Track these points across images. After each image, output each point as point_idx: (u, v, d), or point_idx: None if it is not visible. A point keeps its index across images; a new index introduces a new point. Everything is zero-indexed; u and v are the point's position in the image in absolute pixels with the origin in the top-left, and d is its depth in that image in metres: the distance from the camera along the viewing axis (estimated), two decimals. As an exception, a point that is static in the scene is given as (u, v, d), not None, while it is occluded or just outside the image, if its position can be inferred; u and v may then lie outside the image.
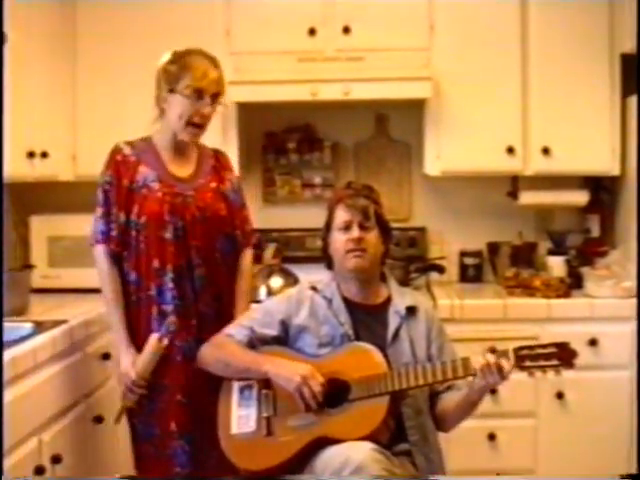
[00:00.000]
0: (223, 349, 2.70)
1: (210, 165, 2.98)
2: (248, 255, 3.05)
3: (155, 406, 2.82)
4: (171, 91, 2.81)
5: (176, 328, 2.81)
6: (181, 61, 2.83)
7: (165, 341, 2.76)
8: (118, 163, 2.86)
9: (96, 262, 2.88)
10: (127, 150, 2.89)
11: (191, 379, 2.80)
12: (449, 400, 2.63)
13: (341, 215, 2.68)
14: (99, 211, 2.87)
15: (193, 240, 2.85)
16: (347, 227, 2.67)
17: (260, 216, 4.20)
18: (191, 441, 2.81)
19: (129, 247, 2.84)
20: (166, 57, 2.87)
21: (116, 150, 2.89)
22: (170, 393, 2.81)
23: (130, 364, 2.79)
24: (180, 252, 2.83)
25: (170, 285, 2.81)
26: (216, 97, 2.84)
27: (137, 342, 2.83)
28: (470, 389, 2.52)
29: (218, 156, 3.03)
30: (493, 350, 2.48)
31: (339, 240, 2.68)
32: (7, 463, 2.44)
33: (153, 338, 2.77)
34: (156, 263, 2.82)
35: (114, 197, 2.84)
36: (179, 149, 2.91)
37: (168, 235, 2.82)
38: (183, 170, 2.91)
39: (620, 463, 3.48)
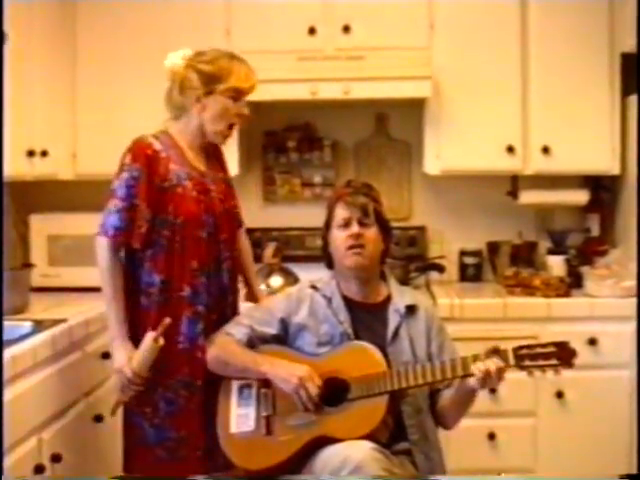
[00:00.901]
0: (222, 348, 2.70)
1: (210, 152, 2.93)
2: (244, 234, 3.08)
3: (173, 408, 2.75)
4: (209, 93, 2.75)
5: (203, 327, 2.75)
6: (219, 62, 2.77)
7: (161, 341, 2.67)
8: (149, 158, 2.71)
9: (98, 253, 2.73)
10: (157, 145, 2.75)
11: (211, 377, 2.74)
12: (446, 396, 2.62)
13: (340, 213, 2.68)
14: (118, 204, 2.69)
15: (222, 234, 2.81)
16: (346, 224, 2.66)
17: (260, 215, 4.22)
18: (206, 442, 2.76)
19: (155, 246, 2.74)
20: (177, 58, 2.80)
21: (145, 143, 2.75)
22: (191, 392, 2.75)
23: (125, 360, 2.69)
24: (211, 249, 2.78)
25: (206, 285, 2.76)
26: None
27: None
28: (464, 386, 2.51)
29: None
30: (495, 350, 2.47)
31: (339, 238, 2.67)
32: (7, 462, 2.44)
33: (149, 337, 2.68)
34: (194, 264, 2.74)
35: (142, 193, 2.69)
36: (202, 147, 2.87)
37: (204, 234, 2.76)
38: (201, 164, 2.85)
39: (620, 462, 3.48)
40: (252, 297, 3.09)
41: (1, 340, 2.57)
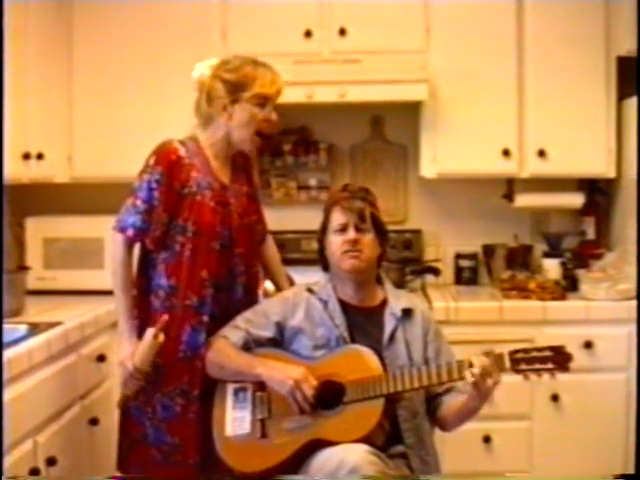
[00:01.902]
0: (218, 351, 2.70)
1: (239, 165, 2.92)
2: (271, 241, 3.10)
3: (169, 414, 2.75)
4: (235, 101, 2.75)
5: (206, 337, 2.74)
6: (243, 70, 2.76)
7: (161, 337, 2.67)
8: (172, 163, 2.72)
9: (114, 248, 2.75)
10: (182, 151, 2.75)
11: (208, 388, 2.74)
12: (450, 405, 2.62)
13: (337, 217, 2.68)
14: (140, 206, 2.70)
15: (237, 248, 2.80)
16: (343, 229, 2.66)
17: (256, 218, 4.21)
18: (200, 451, 2.75)
19: (168, 250, 2.75)
20: (204, 68, 2.80)
21: (170, 148, 2.75)
22: (188, 400, 2.75)
23: (130, 354, 2.69)
24: (224, 262, 2.77)
25: (214, 296, 2.75)
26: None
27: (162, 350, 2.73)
28: (469, 396, 2.50)
29: (242, 152, 2.95)
30: (489, 353, 2.47)
31: (335, 242, 2.68)
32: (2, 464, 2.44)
33: (148, 334, 2.68)
34: (204, 274, 2.73)
35: (161, 197, 2.70)
36: (229, 158, 2.86)
37: (217, 245, 2.76)
38: (225, 176, 2.85)
39: (615, 465, 3.48)
40: None
41: (1, 343, 2.57)
